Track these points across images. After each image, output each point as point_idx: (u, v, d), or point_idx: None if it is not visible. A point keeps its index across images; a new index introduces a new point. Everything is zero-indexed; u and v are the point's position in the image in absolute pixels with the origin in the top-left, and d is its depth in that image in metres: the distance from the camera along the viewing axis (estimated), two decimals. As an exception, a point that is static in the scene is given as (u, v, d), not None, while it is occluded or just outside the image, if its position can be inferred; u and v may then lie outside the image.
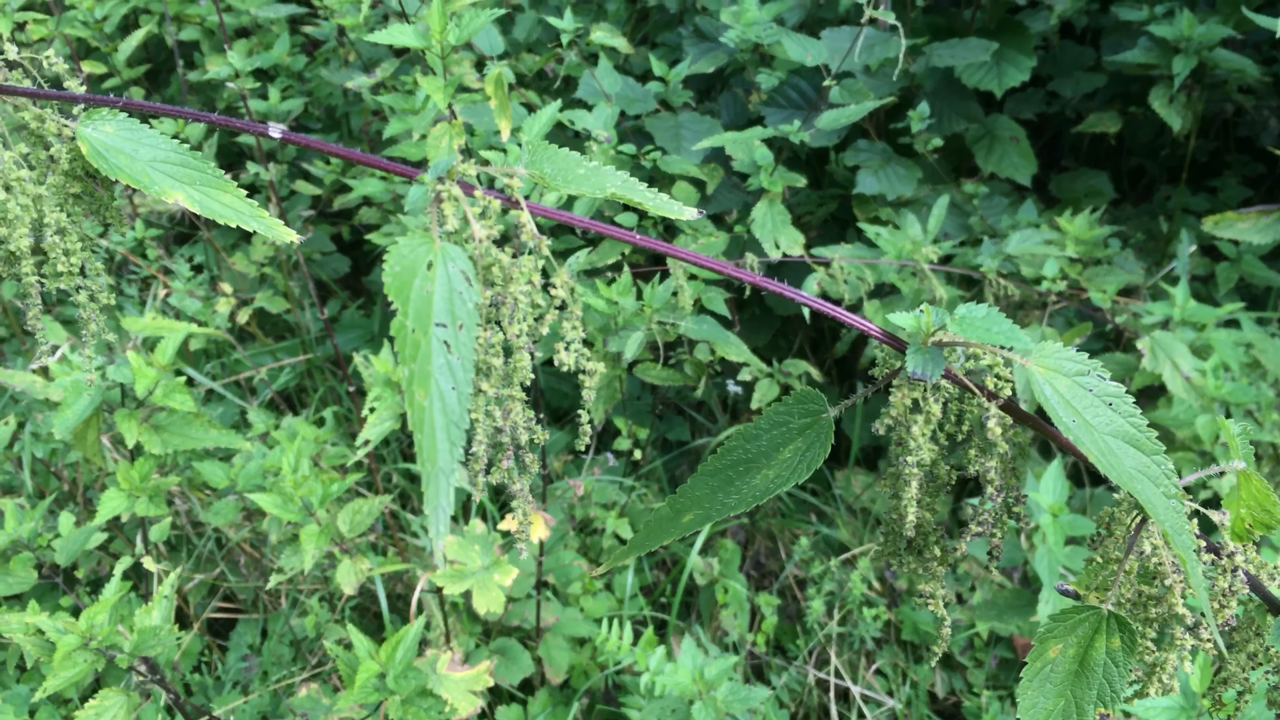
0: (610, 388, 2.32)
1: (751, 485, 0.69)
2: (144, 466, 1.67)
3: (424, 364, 0.60)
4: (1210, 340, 2.15)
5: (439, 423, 0.59)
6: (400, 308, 0.60)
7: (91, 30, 2.66)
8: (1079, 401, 0.64)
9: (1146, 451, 0.64)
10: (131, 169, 0.64)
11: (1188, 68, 2.48)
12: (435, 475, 0.58)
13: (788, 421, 0.71)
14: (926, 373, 0.64)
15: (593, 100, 2.33)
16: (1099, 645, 0.69)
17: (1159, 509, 0.63)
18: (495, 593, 2.04)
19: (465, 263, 0.63)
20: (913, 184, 2.54)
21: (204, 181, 0.65)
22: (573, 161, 0.68)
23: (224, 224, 2.32)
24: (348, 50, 2.98)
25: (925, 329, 0.65)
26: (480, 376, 0.65)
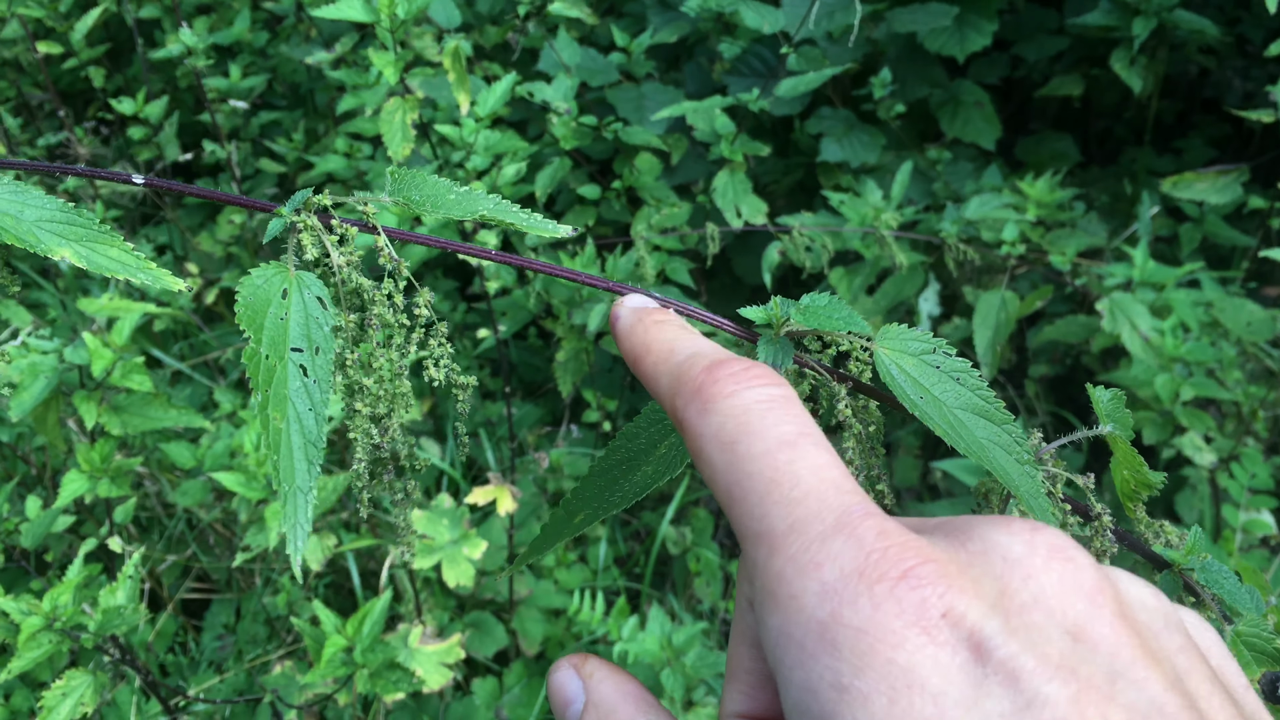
0: (578, 360, 2.32)
1: (633, 482, 0.70)
2: (104, 448, 1.67)
3: (279, 388, 0.61)
4: (1170, 300, 2.17)
5: (296, 443, 0.61)
6: (253, 336, 0.62)
7: (47, 10, 2.63)
8: (926, 379, 0.65)
9: (996, 422, 0.65)
10: (17, 230, 0.65)
11: (1147, 29, 2.49)
12: (293, 494, 0.60)
13: (663, 419, 0.72)
14: (776, 363, 0.65)
15: (553, 72, 2.32)
16: None
17: (1013, 475, 0.64)
18: (465, 566, 2.05)
19: (321, 288, 0.65)
20: (877, 150, 2.54)
21: (90, 238, 0.66)
22: (442, 188, 0.69)
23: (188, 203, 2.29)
24: (308, 25, 2.96)
25: (776, 319, 0.66)
26: (354, 396, 0.67)
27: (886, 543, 0.38)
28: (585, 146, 2.47)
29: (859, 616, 0.37)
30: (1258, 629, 0.73)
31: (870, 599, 0.37)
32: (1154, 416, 2.16)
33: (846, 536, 0.39)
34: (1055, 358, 2.88)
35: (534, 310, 2.14)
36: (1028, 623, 0.37)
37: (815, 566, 0.39)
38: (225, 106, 2.95)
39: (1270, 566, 2.28)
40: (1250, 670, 0.72)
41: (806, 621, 0.38)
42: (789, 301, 0.66)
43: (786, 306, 0.66)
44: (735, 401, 0.46)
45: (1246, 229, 2.90)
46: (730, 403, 0.46)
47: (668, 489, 2.89)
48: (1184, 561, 0.75)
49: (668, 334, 0.55)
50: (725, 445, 0.45)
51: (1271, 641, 0.72)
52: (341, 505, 2.58)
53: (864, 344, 0.68)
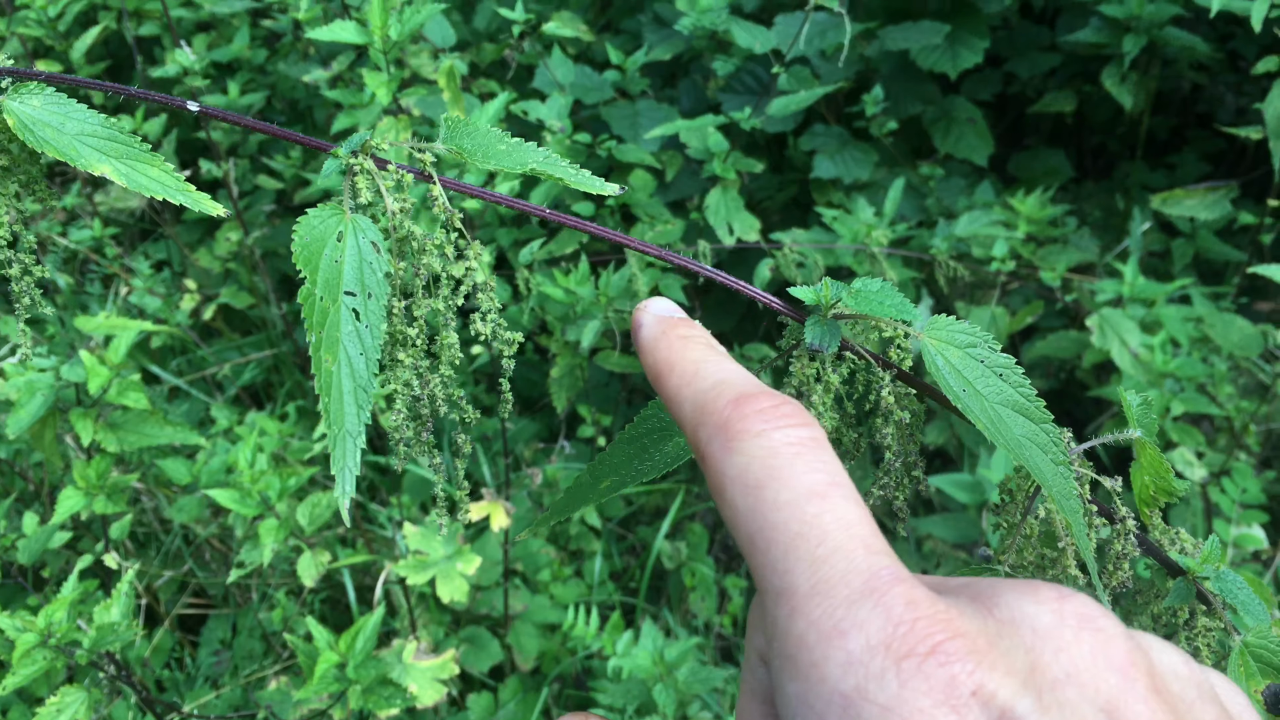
0: (572, 375, 2.33)
1: (664, 452, 0.71)
2: (100, 465, 1.68)
3: (332, 331, 0.62)
4: (1160, 316, 2.18)
5: (347, 387, 0.61)
6: (309, 277, 0.62)
7: (46, 28, 2.65)
8: (970, 372, 0.66)
9: (1035, 420, 0.66)
10: (59, 142, 0.65)
11: (1138, 46, 2.51)
12: (342, 437, 0.60)
13: None
14: (824, 344, 0.65)
15: (549, 90, 2.34)
16: None
17: (1046, 474, 0.65)
18: (459, 581, 2.06)
19: (375, 233, 0.65)
20: (869, 167, 2.56)
21: (131, 155, 0.66)
22: (493, 138, 0.69)
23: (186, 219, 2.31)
24: (305, 44, 2.98)
25: (825, 301, 0.67)
26: (396, 346, 0.66)
27: (915, 614, 0.37)
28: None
29: (885, 694, 0.36)
30: (1266, 640, 0.74)
31: (898, 675, 0.36)
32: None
33: (874, 604, 0.38)
34: (1049, 372, 2.89)
35: (528, 326, 2.16)
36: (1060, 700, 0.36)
37: (840, 634, 0.38)
38: (224, 123, 2.97)
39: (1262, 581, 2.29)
40: (1255, 681, 0.73)
41: (829, 694, 0.37)
42: (840, 284, 0.67)
43: (837, 289, 0.67)
44: (763, 442, 0.44)
45: (1239, 244, 2.91)
46: (757, 443, 0.44)
47: (663, 503, 2.90)
48: (1199, 570, 0.76)
49: (694, 353, 0.52)
50: (749, 489, 0.43)
51: (1278, 654, 0.73)
52: (336, 521, 2.59)
53: (912, 332, 0.68)
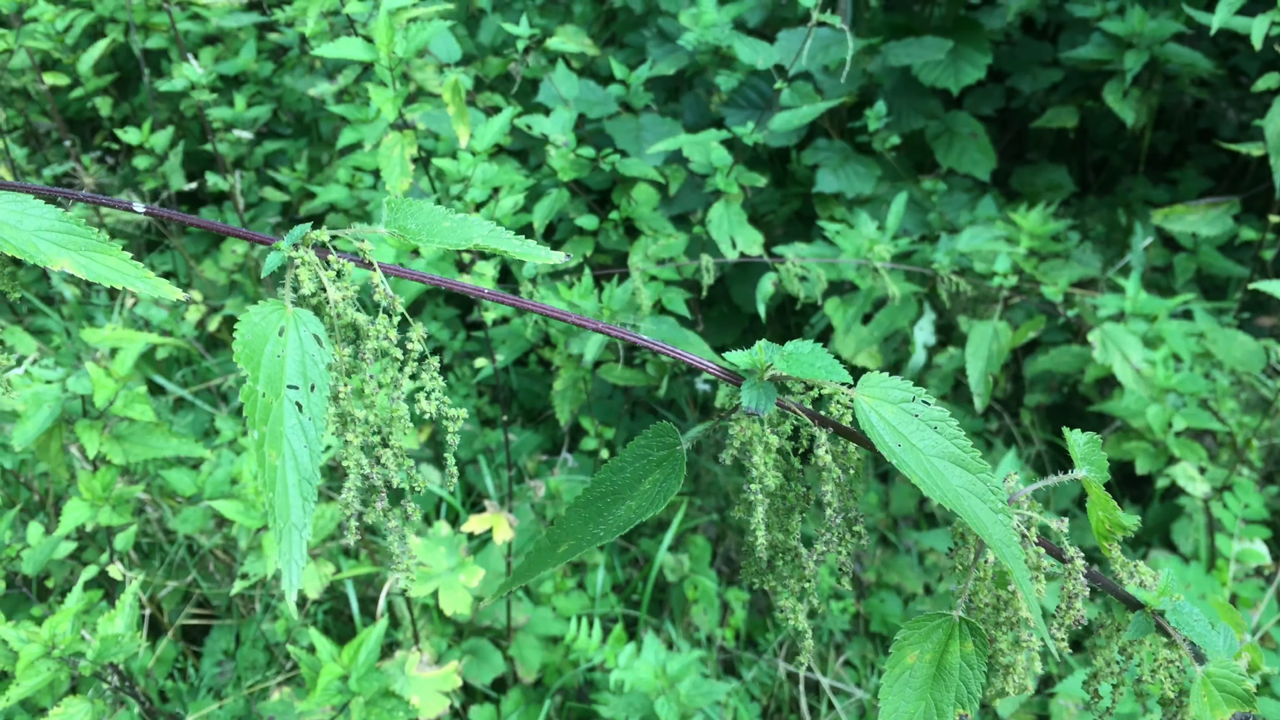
0: (575, 389, 2.34)
1: (617, 516, 0.72)
2: (106, 476, 1.69)
3: (275, 425, 0.63)
4: (1161, 331, 2.19)
5: (291, 480, 0.63)
6: (251, 374, 0.63)
7: (54, 42, 2.67)
8: (905, 427, 0.68)
9: (972, 470, 0.67)
10: (18, 239, 0.67)
11: (1139, 63, 2.52)
12: (288, 530, 0.62)
13: (648, 454, 0.74)
14: (759, 407, 0.67)
15: (553, 104, 2.36)
16: (953, 650, 0.72)
17: (986, 522, 0.66)
18: (462, 593, 2.06)
19: (317, 325, 0.67)
20: (872, 181, 2.57)
21: (88, 247, 0.68)
22: (437, 216, 0.71)
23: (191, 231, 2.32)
24: (312, 57, 3.00)
25: (760, 365, 0.68)
26: (346, 428, 0.68)
27: None
28: (585, 178, 2.50)
29: None
30: (1228, 670, 0.74)
31: None
32: (1147, 447, 2.18)
33: None
34: (1052, 386, 2.90)
35: (532, 339, 2.17)
36: None
37: None
38: (230, 136, 2.99)
39: (1264, 596, 2.29)
40: (1220, 711, 0.74)
41: None
42: (773, 347, 0.69)
43: (770, 352, 0.68)
44: None
45: (1241, 259, 2.92)
46: None
47: (666, 516, 2.91)
48: (1156, 603, 0.76)
49: None
50: None
51: (1241, 683, 0.74)
52: (340, 532, 2.59)
53: (845, 390, 0.70)
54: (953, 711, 0.72)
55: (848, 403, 0.70)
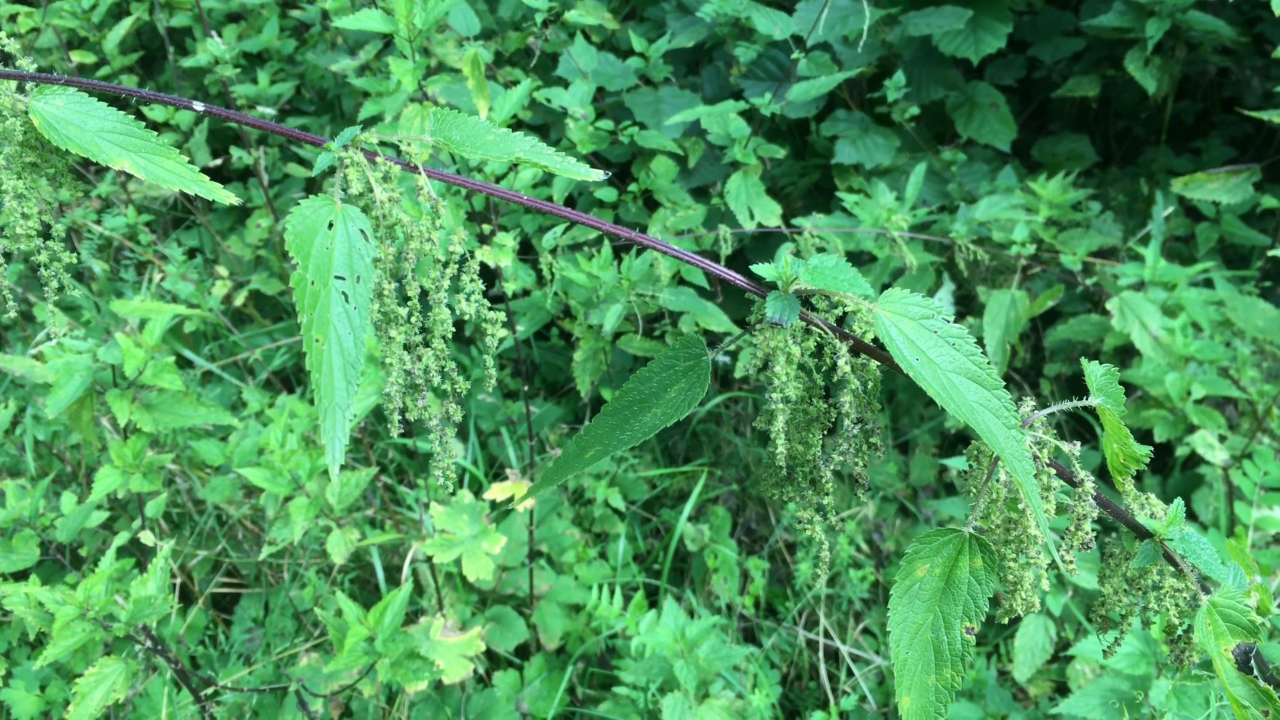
0: (595, 359, 2.36)
1: (642, 422, 0.75)
2: (136, 444, 1.73)
3: (323, 312, 0.66)
4: (1181, 299, 2.19)
5: (337, 364, 0.65)
6: (301, 263, 0.66)
7: (80, 20, 2.71)
8: (923, 342, 0.70)
9: (987, 387, 0.69)
10: (81, 139, 0.69)
11: (1161, 30, 2.50)
12: (333, 409, 0.65)
13: (674, 365, 0.77)
14: (783, 317, 0.69)
15: (572, 78, 2.37)
16: (963, 565, 0.74)
17: (999, 437, 0.68)
18: (484, 560, 2.10)
19: (364, 221, 0.69)
20: (891, 152, 2.57)
21: (148, 149, 0.70)
22: (481, 129, 0.73)
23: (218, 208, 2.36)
24: (334, 33, 3.02)
25: (785, 277, 0.70)
26: (389, 324, 0.71)
27: None
28: (604, 150, 2.52)
29: None
30: (1234, 601, 0.76)
31: None
32: (1165, 414, 2.18)
33: None
34: (1073, 357, 2.90)
35: (552, 311, 2.19)
36: None
37: None
38: (254, 112, 3.02)
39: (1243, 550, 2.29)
40: (1225, 640, 0.76)
41: None
42: (799, 261, 0.71)
43: (796, 266, 0.71)
44: None
45: (1264, 228, 2.90)
46: None
47: (686, 486, 2.94)
48: (1164, 532, 0.78)
49: None
50: None
51: (1246, 614, 0.75)
52: (366, 502, 2.64)
53: (867, 305, 0.72)
54: (960, 624, 0.74)
55: (869, 319, 0.72)
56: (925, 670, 0.73)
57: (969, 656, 0.74)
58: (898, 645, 0.75)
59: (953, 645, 0.74)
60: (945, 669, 0.73)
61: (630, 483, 2.84)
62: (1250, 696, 0.72)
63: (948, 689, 0.72)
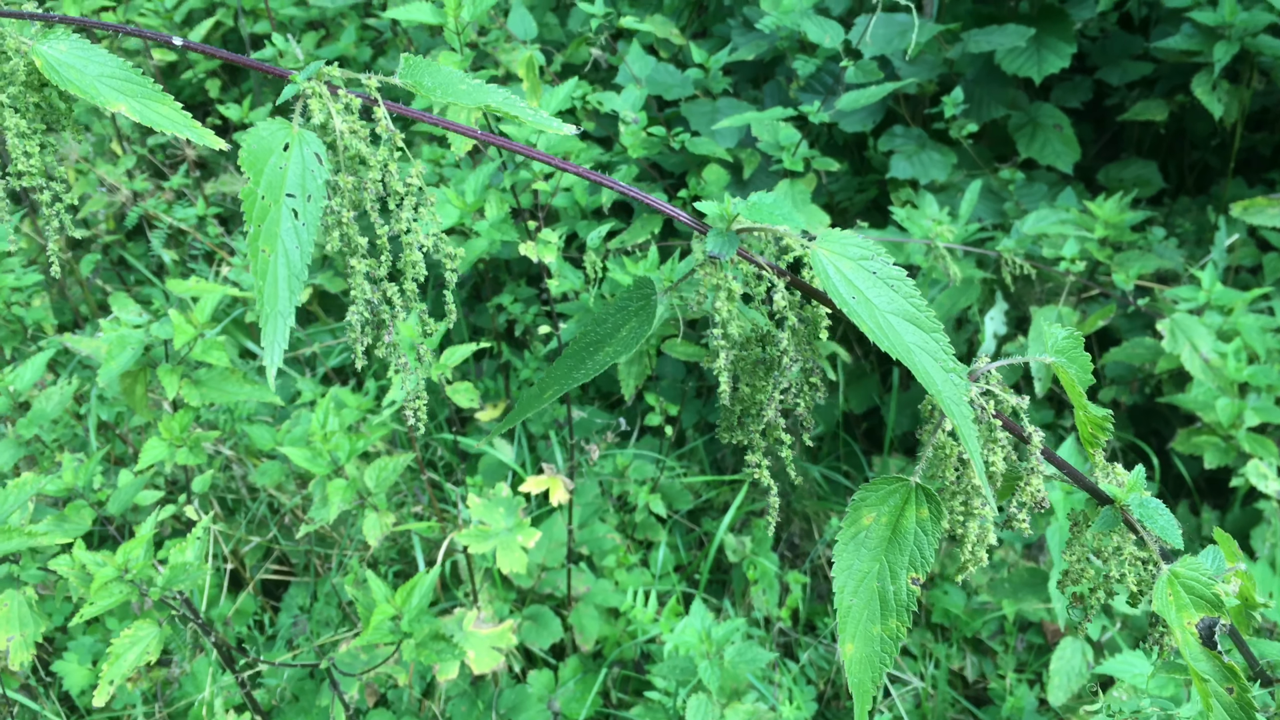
0: (640, 363, 2.38)
1: (595, 360, 0.77)
2: (183, 418, 1.79)
3: (271, 226, 0.69)
4: (1238, 324, 2.14)
5: (281, 274, 0.68)
6: (253, 179, 0.69)
7: (163, 19, 2.82)
8: (861, 281, 0.70)
9: (925, 329, 0.69)
10: (81, 82, 0.73)
11: (1229, 54, 2.46)
12: (274, 316, 0.68)
13: (627, 305, 0.78)
14: (721, 251, 0.70)
15: (626, 84, 2.41)
16: (909, 515, 0.74)
17: (936, 380, 0.68)
18: (518, 553, 2.12)
19: (319, 145, 0.72)
20: (947, 169, 2.56)
21: (144, 95, 0.74)
22: (454, 78, 0.76)
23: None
24: (404, 40, 3.10)
25: (727, 215, 0.71)
26: (351, 254, 0.73)
27: None
28: (660, 159, 2.54)
29: None
30: (1196, 572, 0.75)
31: None
32: (1216, 441, 2.13)
33: None
34: (1133, 387, 2.84)
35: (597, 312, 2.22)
36: None
37: None
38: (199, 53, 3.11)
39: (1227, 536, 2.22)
40: (1187, 613, 0.74)
41: None
42: (740, 201, 0.72)
43: (738, 205, 0.72)
44: None
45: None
46: None
47: (728, 497, 2.93)
48: (1124, 498, 0.78)
49: None
50: None
51: (1210, 587, 0.74)
52: (414, 499, 2.68)
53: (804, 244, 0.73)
54: (905, 574, 0.74)
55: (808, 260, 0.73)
56: (870, 619, 0.73)
57: (913, 607, 0.74)
58: (842, 592, 0.75)
59: (898, 595, 0.74)
60: (890, 619, 0.73)
61: (675, 491, 2.85)
62: (1214, 672, 0.71)
63: (892, 639, 0.72)
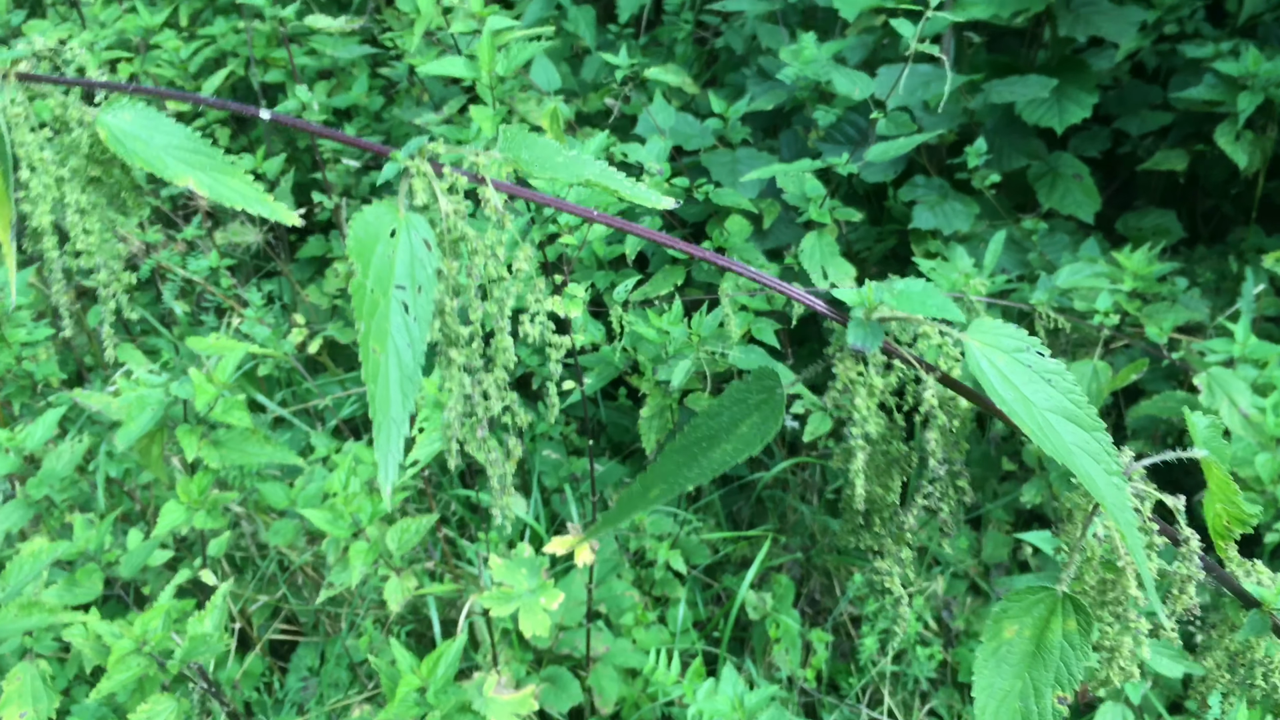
0: (662, 416, 2.34)
1: (711, 459, 0.71)
2: (202, 480, 1.74)
3: (381, 322, 0.63)
4: (1274, 377, 2.10)
5: (394, 376, 0.63)
6: (361, 269, 0.64)
7: (177, 70, 2.80)
8: (1017, 376, 0.65)
9: (1086, 428, 0.64)
10: (147, 154, 0.69)
11: (1253, 104, 2.45)
12: (387, 424, 0.62)
13: (746, 398, 0.73)
14: (865, 344, 0.65)
15: (649, 135, 2.38)
16: (1055, 627, 0.69)
17: (1099, 483, 0.63)
18: (541, 616, 2.06)
19: (428, 231, 0.67)
20: (969, 219, 2.53)
21: (215, 167, 0.70)
22: (551, 150, 0.71)
23: (300, 258, 2.40)
24: (419, 90, 3.08)
25: (868, 302, 0.66)
26: (450, 345, 0.68)
27: None
28: (679, 210, 2.51)
29: None
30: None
31: None
32: (1255, 497, 2.08)
33: None
34: (1156, 438, 2.80)
35: (619, 366, 2.18)
36: None
37: None
38: (340, 166, 3.09)
39: None
40: None
41: None
42: (883, 285, 0.67)
43: (880, 290, 0.67)
44: None
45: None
46: None
47: (749, 552, 2.87)
48: (1275, 602, 0.73)
49: None
50: None
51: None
52: (427, 554, 2.62)
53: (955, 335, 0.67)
54: (1050, 692, 0.69)
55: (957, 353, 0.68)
56: (1014, 743, 0.68)
57: (1061, 729, 0.68)
58: (983, 714, 0.69)
59: (1043, 715, 0.68)
60: (1036, 742, 0.67)
61: (692, 546, 2.79)
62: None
63: (1039, 763, 0.67)
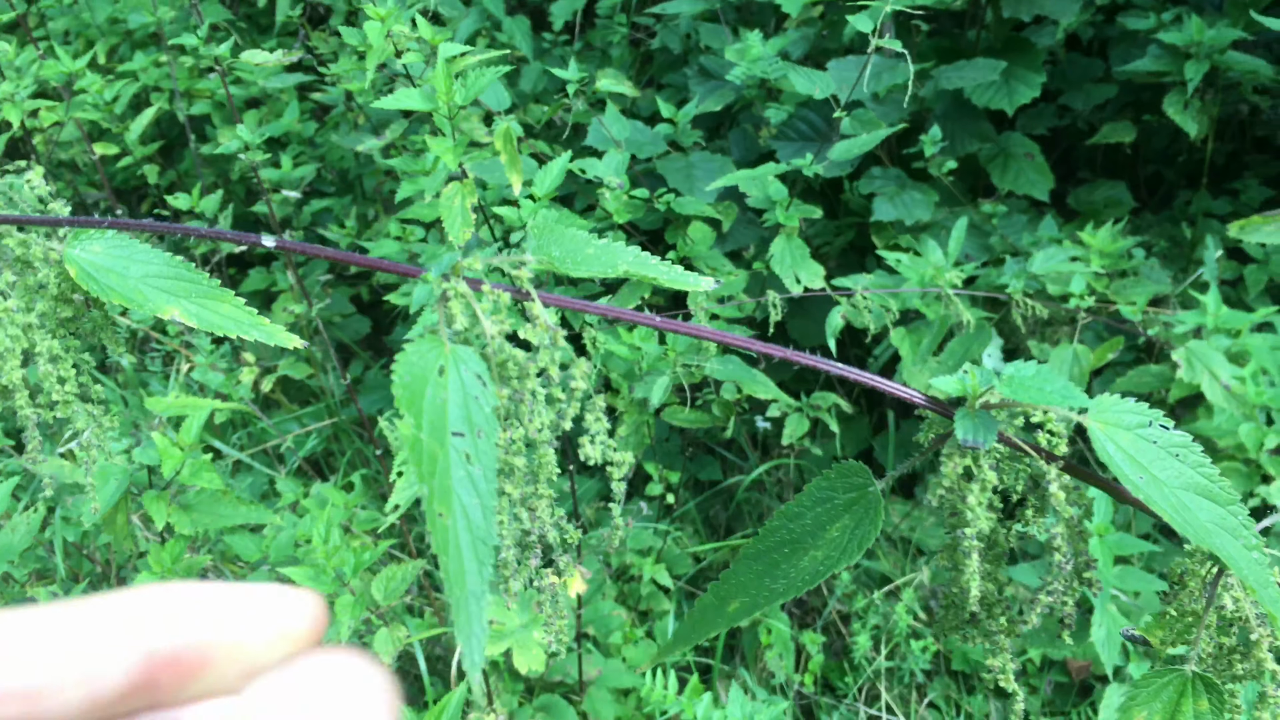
0: (639, 433, 2.29)
1: (799, 568, 0.65)
2: (175, 548, 1.66)
3: (443, 479, 0.55)
4: (1246, 346, 2.11)
5: (464, 541, 0.54)
6: (414, 419, 0.55)
7: (102, 112, 2.69)
8: (1144, 456, 0.60)
9: (1221, 503, 0.60)
10: (123, 288, 0.62)
11: (1200, 73, 2.45)
12: (465, 600, 0.52)
13: (832, 497, 0.67)
14: (979, 439, 0.59)
15: (602, 147, 2.33)
16: (1186, 709, 0.64)
17: (1241, 563, 0.59)
18: (535, 650, 2.01)
19: (479, 364, 0.59)
20: (929, 208, 2.52)
21: (200, 294, 0.63)
22: (581, 242, 0.65)
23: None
24: (356, 114, 3.00)
25: (973, 391, 0.60)
26: (503, 478, 0.61)
27: None
28: (638, 219, 2.46)
29: None
30: None
31: None
32: (1238, 466, 2.09)
33: None
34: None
35: (592, 383, 2.12)
36: None
37: None
38: (278, 196, 2.99)
39: None
40: None
41: None
42: (987, 371, 0.61)
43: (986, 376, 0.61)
44: None
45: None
46: None
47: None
48: None
49: None
50: None
51: None
52: (406, 592, 2.55)
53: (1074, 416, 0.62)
54: None
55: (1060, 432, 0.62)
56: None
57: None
58: None
59: None
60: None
61: (674, 557, 2.75)
62: None
63: None
